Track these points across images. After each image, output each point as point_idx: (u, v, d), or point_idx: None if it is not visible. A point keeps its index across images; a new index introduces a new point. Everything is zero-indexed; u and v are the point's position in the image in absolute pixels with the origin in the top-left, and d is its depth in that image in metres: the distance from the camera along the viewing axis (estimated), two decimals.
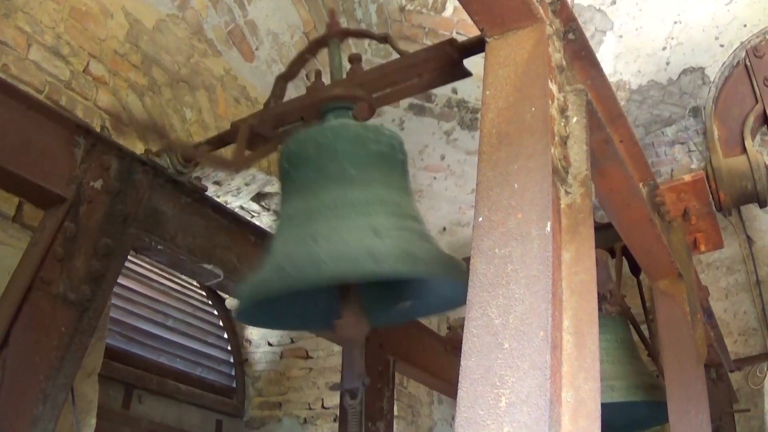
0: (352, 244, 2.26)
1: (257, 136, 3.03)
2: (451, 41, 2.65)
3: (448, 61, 2.64)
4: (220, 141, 3.24)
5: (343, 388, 2.56)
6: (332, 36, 3.01)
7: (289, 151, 2.64)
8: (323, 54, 3.07)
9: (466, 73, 2.72)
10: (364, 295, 2.62)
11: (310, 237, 2.32)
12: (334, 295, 2.62)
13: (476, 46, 2.57)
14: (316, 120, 2.83)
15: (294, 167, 2.61)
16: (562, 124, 1.90)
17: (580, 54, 2.28)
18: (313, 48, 3.14)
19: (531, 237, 1.54)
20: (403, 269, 2.28)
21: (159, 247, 3.04)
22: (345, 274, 2.30)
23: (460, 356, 4.23)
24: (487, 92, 1.85)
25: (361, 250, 2.23)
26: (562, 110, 1.94)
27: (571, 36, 2.18)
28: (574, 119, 1.96)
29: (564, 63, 2.10)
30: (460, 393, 1.40)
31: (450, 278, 2.43)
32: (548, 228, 1.54)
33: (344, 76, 2.94)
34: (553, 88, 1.90)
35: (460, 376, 1.42)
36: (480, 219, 1.62)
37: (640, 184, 3.04)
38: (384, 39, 3.09)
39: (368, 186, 2.48)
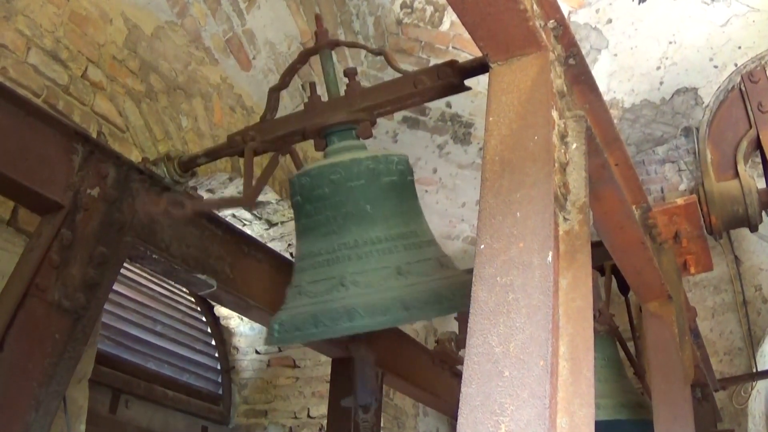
0: (381, 291, 2.36)
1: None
2: (452, 63, 2.66)
3: (449, 83, 2.66)
4: (216, 153, 3.25)
5: (358, 403, 2.60)
6: (323, 47, 3.02)
7: (301, 185, 2.71)
8: (318, 62, 3.08)
9: (465, 88, 2.73)
10: None
11: (338, 280, 2.41)
12: None
13: (477, 68, 2.59)
14: (317, 139, 2.86)
15: (309, 203, 2.70)
16: (562, 150, 1.92)
17: (580, 78, 2.29)
18: (303, 58, 3.14)
19: (532, 266, 1.56)
20: (431, 313, 2.42)
21: (154, 256, 3.05)
22: (378, 325, 2.39)
23: (448, 370, 4.23)
24: (491, 119, 1.86)
25: (391, 298, 2.33)
26: (562, 136, 1.96)
27: (571, 61, 2.20)
28: (574, 145, 1.98)
29: (564, 88, 2.11)
30: (460, 419, 1.41)
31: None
32: (549, 258, 1.56)
33: (340, 90, 2.95)
34: (554, 114, 1.91)
35: (460, 403, 1.43)
36: (482, 246, 1.63)
37: (634, 207, 3.06)
38: (379, 53, 3.10)
39: (386, 221, 2.58)
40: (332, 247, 2.56)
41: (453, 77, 2.65)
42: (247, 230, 5.76)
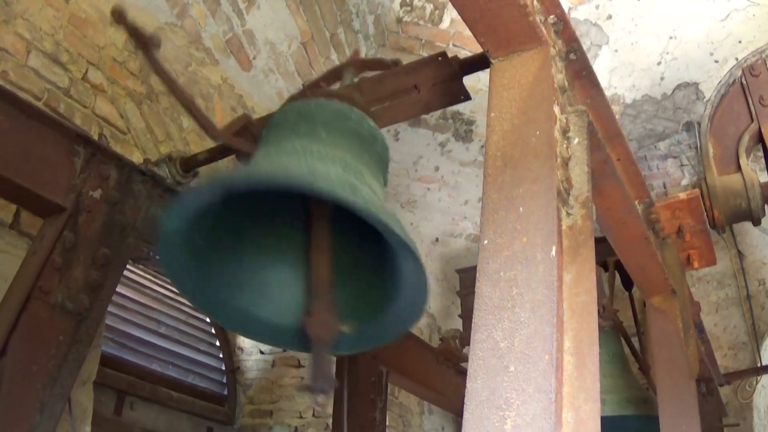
0: (297, 163, 2.17)
1: (251, 136, 3.05)
2: (453, 58, 2.67)
3: (449, 72, 2.65)
4: (219, 152, 3.24)
5: (312, 389, 2.47)
6: (348, 65, 3.02)
7: (271, 121, 2.56)
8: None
9: (466, 96, 2.72)
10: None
11: (257, 163, 2.27)
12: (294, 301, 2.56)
13: (477, 63, 2.58)
14: None
15: (270, 132, 2.54)
16: (564, 145, 1.92)
17: (581, 74, 2.29)
18: (329, 78, 3.13)
19: (536, 261, 1.56)
20: (340, 193, 2.06)
21: (157, 257, 3.04)
22: (276, 179, 2.17)
23: (453, 368, 4.23)
24: (492, 114, 1.86)
25: (302, 166, 2.14)
26: (564, 131, 1.95)
27: (572, 56, 2.20)
28: (576, 140, 1.98)
29: (566, 83, 2.11)
30: (466, 415, 1.41)
31: (388, 227, 2.13)
32: (553, 252, 1.56)
33: None
34: (556, 109, 1.91)
35: (465, 398, 1.43)
36: (485, 242, 1.63)
37: (636, 202, 3.06)
38: (395, 65, 3.10)
39: (336, 148, 2.36)
40: (269, 153, 2.38)
41: (453, 64, 2.65)
42: None
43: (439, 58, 2.71)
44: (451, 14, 5.64)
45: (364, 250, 2.59)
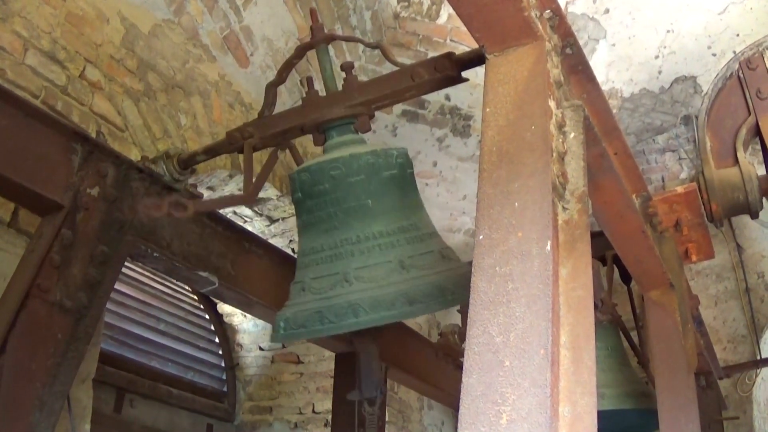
0: (385, 285, 2.41)
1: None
2: (450, 55, 2.66)
3: (447, 74, 2.65)
4: (215, 150, 3.24)
5: (363, 396, 2.61)
6: (319, 41, 3.01)
7: (301, 182, 2.71)
8: (316, 58, 3.07)
9: (462, 80, 2.73)
10: None
11: (342, 276, 2.47)
12: None
13: (474, 60, 2.58)
14: (316, 134, 2.86)
15: (310, 199, 2.72)
16: (560, 140, 1.92)
17: (577, 68, 2.29)
18: (300, 53, 3.13)
19: (531, 256, 1.56)
20: (435, 307, 2.45)
21: (155, 254, 3.04)
22: (383, 320, 2.42)
23: (452, 363, 4.22)
24: (488, 109, 1.85)
25: (395, 293, 2.38)
26: (560, 126, 1.95)
27: (568, 51, 2.20)
28: (572, 135, 1.98)
29: (561, 78, 2.11)
30: (462, 410, 1.41)
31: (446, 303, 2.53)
32: (548, 247, 1.56)
33: (338, 85, 2.94)
34: (552, 104, 1.91)
35: (461, 393, 1.43)
36: (481, 237, 1.63)
37: (634, 196, 3.06)
38: (376, 46, 3.09)
39: (387, 215, 2.61)
40: (335, 243, 2.58)
41: (450, 69, 2.65)
42: (248, 227, 5.76)
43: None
44: (448, 9, 5.63)
45: None
